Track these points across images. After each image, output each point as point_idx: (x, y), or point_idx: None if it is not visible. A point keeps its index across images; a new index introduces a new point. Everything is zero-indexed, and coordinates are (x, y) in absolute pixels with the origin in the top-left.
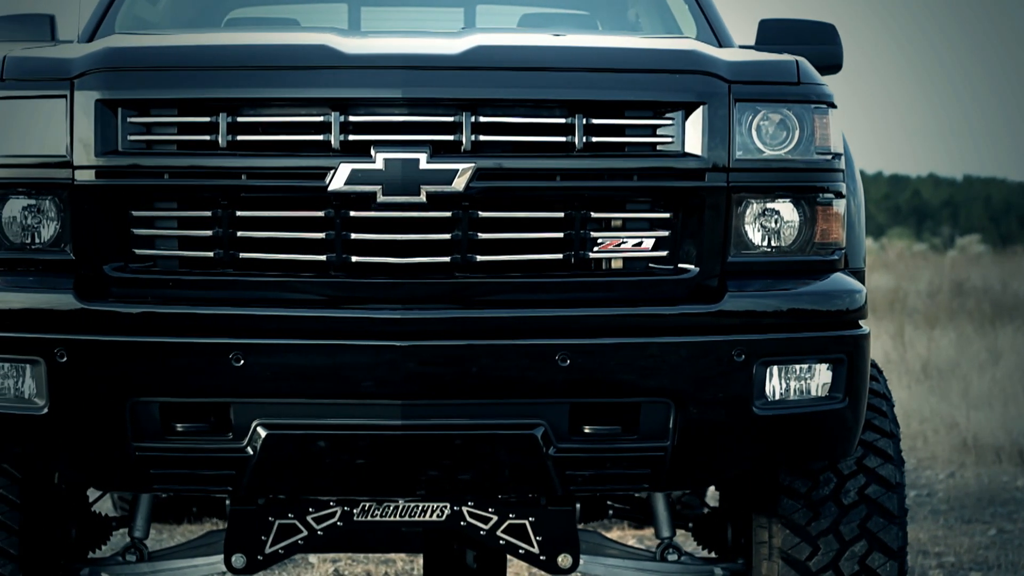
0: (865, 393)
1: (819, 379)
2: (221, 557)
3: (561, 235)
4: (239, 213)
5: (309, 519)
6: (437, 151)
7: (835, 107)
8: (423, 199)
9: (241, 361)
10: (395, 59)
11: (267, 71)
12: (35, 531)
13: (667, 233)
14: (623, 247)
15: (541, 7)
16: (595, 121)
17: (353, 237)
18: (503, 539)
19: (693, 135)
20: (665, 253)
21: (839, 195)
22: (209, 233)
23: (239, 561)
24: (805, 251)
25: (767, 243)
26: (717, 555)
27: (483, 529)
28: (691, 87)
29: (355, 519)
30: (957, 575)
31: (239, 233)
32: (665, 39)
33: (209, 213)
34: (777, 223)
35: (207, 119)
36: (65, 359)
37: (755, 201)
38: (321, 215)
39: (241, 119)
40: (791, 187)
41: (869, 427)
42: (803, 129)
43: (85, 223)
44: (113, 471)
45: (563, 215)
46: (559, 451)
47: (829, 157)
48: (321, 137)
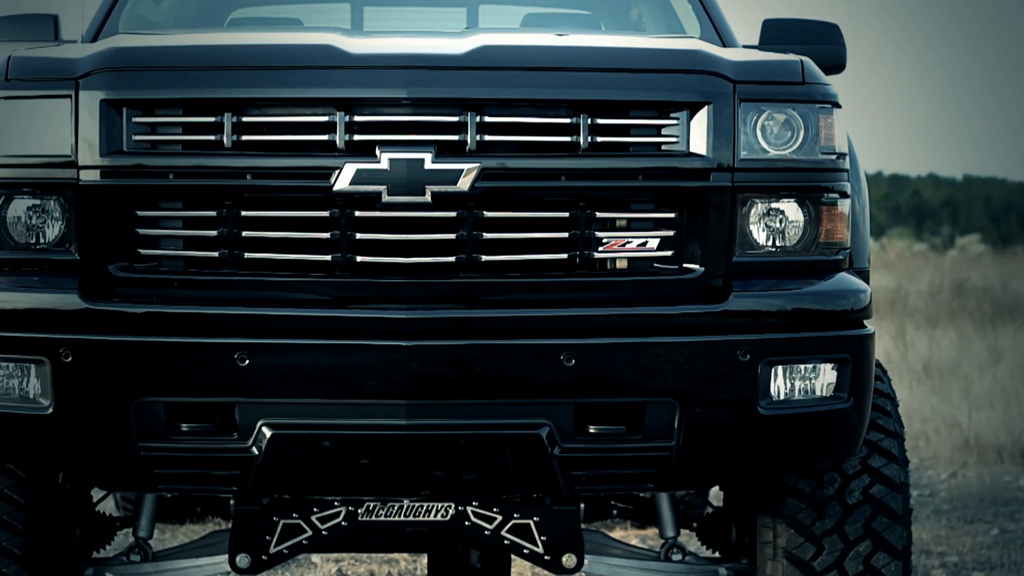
0: (870, 393)
1: (824, 379)
2: (225, 557)
3: (566, 235)
4: (244, 213)
5: (313, 519)
6: (442, 151)
7: (840, 107)
8: (428, 199)
9: (246, 361)
10: (400, 59)
11: (272, 71)
12: (39, 531)
13: (672, 233)
14: (628, 247)
15: (544, 7)
16: (600, 121)
17: (358, 237)
18: (507, 539)
19: (698, 135)
20: (670, 253)
21: (844, 195)
22: (214, 233)
23: (243, 561)
24: (810, 251)
25: (772, 243)
26: (721, 555)
27: (487, 529)
28: (696, 87)
29: (359, 519)
30: (960, 575)
31: (244, 233)
32: (670, 39)
33: (214, 213)
34: (782, 223)
35: (212, 119)
36: (70, 359)
37: (760, 201)
38: (326, 215)
39: (246, 119)
40: (796, 187)
41: (873, 427)
42: (808, 129)
43: (90, 223)
44: (118, 471)
45: (568, 215)
46: (564, 451)
47: (834, 157)
48: (326, 137)
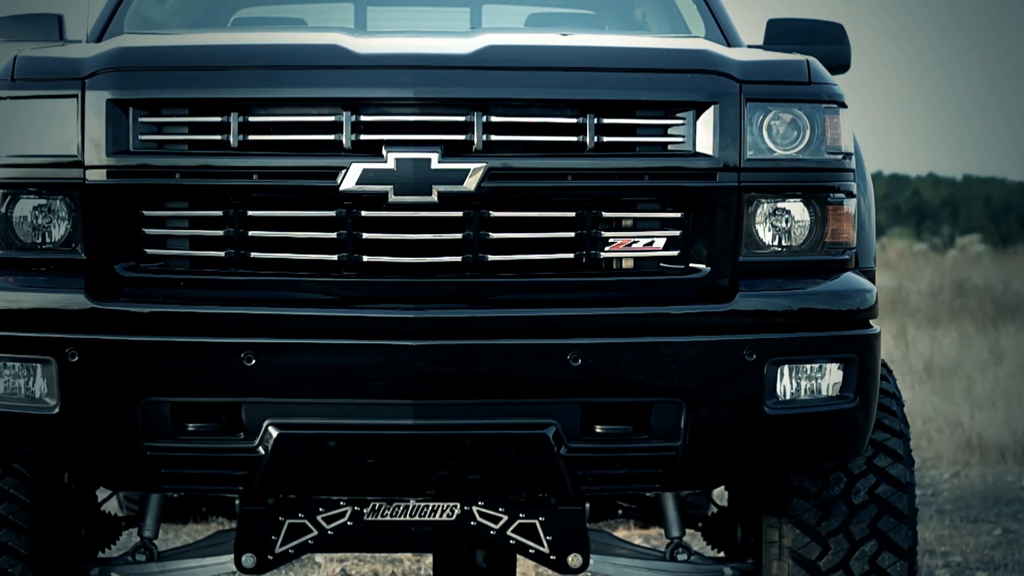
0: (876, 393)
1: (830, 379)
2: (231, 557)
3: (572, 235)
4: (250, 213)
5: (319, 519)
6: (448, 151)
7: (846, 107)
8: (435, 199)
9: (253, 361)
10: (406, 59)
11: (279, 71)
12: (45, 531)
13: (678, 233)
14: (634, 247)
15: (548, 7)
16: (606, 121)
17: (364, 237)
18: (513, 539)
19: (704, 135)
20: (676, 253)
21: (850, 195)
22: (220, 233)
23: (249, 561)
24: (816, 251)
25: (778, 243)
26: (726, 555)
27: (493, 529)
28: (702, 87)
29: (365, 519)
30: (963, 575)
31: (250, 233)
32: (675, 39)
33: (220, 213)
34: (788, 223)
35: (218, 119)
36: (76, 359)
37: (766, 201)
38: (332, 215)
39: (252, 119)
40: (802, 187)
41: (879, 427)
42: (814, 129)
43: (96, 223)
44: (124, 471)
45: (574, 215)
46: (571, 451)
47: (840, 157)
48: (332, 137)
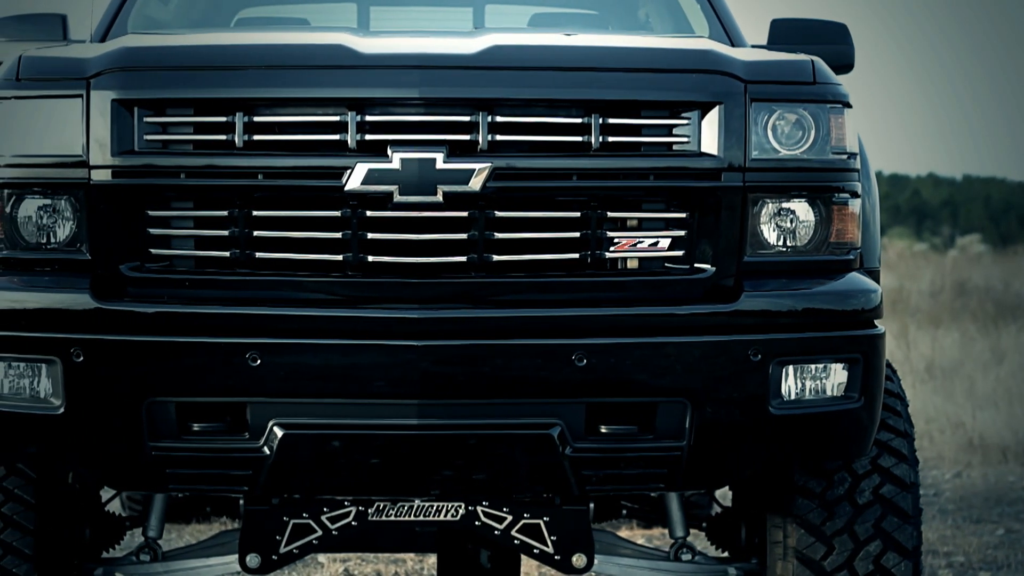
0: (880, 393)
1: (835, 379)
2: (235, 557)
3: (577, 235)
4: (255, 213)
5: (324, 519)
6: (454, 151)
7: (850, 107)
8: (440, 199)
9: (258, 361)
10: (412, 59)
11: (284, 71)
12: (49, 531)
13: (683, 233)
14: (639, 247)
15: (551, 7)
16: (611, 121)
17: (369, 237)
18: (518, 539)
19: (709, 135)
20: (681, 253)
21: (854, 195)
22: (225, 233)
23: (254, 561)
24: (821, 251)
25: (783, 243)
26: (730, 555)
27: (497, 529)
28: (707, 87)
29: (369, 519)
30: (966, 575)
31: (255, 233)
32: (680, 39)
33: (225, 213)
34: (793, 223)
35: (223, 119)
36: (81, 359)
37: (771, 201)
38: (337, 215)
39: (257, 119)
40: (807, 187)
41: (883, 427)
42: (819, 129)
43: (101, 223)
44: (129, 471)
45: (579, 215)
46: (575, 451)
47: (845, 157)
48: (338, 137)
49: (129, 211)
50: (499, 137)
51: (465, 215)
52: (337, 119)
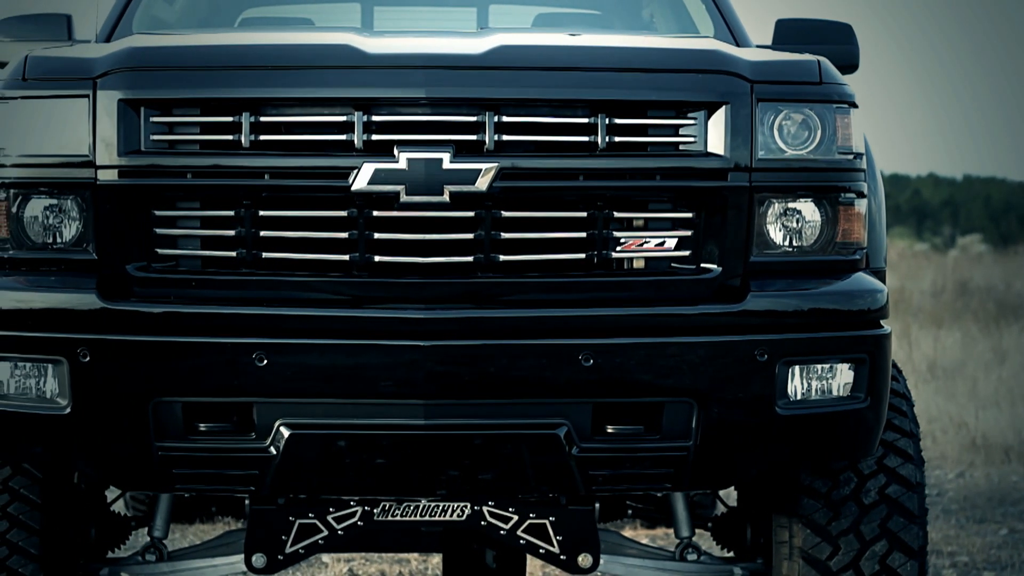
0: (887, 393)
1: (841, 379)
2: (241, 557)
3: (584, 235)
4: (262, 213)
5: (329, 519)
6: (460, 151)
7: (857, 107)
8: (446, 199)
9: (264, 361)
10: (418, 59)
11: (290, 71)
12: (55, 531)
13: (689, 233)
14: (645, 247)
15: (555, 7)
16: (618, 121)
17: (376, 237)
18: (523, 539)
19: (716, 135)
20: (687, 253)
21: (860, 195)
22: (232, 233)
23: (259, 561)
24: (827, 251)
25: (789, 243)
26: (736, 555)
27: (503, 529)
28: (714, 87)
29: (375, 519)
30: (970, 575)
31: (262, 233)
32: (686, 39)
33: (232, 213)
34: (799, 223)
35: (230, 119)
36: (88, 359)
37: (777, 201)
38: (344, 215)
39: (264, 119)
40: (813, 187)
41: (889, 427)
42: (825, 129)
43: (108, 223)
44: (135, 471)
45: (586, 215)
46: (582, 451)
47: (851, 157)
48: (344, 137)
49: (135, 211)
50: (506, 137)
51: (472, 215)
52: (344, 119)
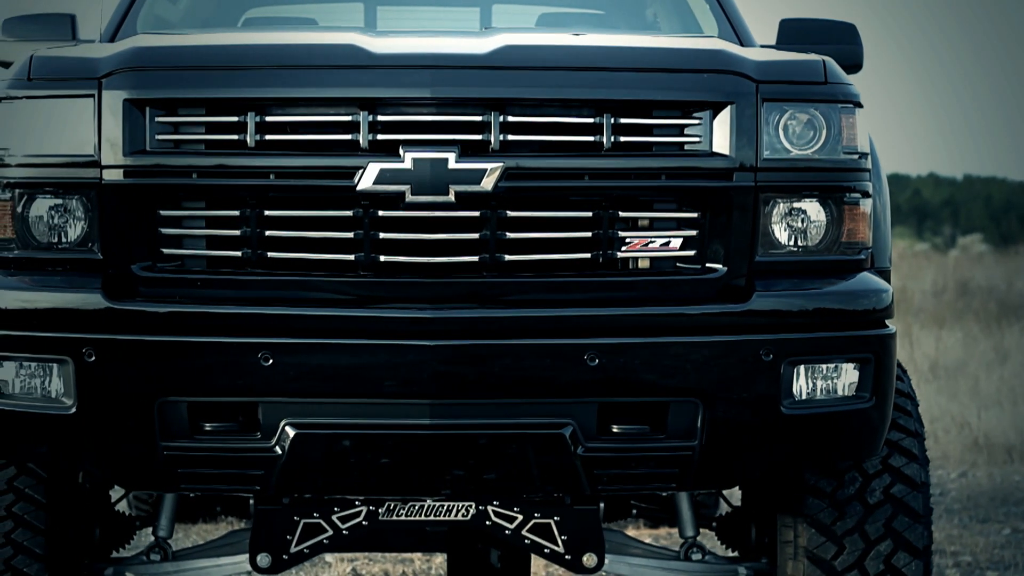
0: (891, 392)
1: (846, 378)
2: (246, 556)
3: (589, 234)
4: (267, 213)
5: (334, 518)
6: (466, 151)
7: (862, 107)
8: (452, 199)
9: (269, 360)
10: (424, 59)
11: (295, 71)
12: (60, 530)
13: (695, 233)
14: (651, 247)
15: (558, 6)
16: (623, 121)
17: (381, 236)
18: (528, 538)
19: (721, 135)
20: (693, 253)
21: (866, 195)
22: (237, 233)
23: (264, 560)
24: (832, 251)
25: (794, 243)
26: (740, 554)
27: (508, 528)
28: (719, 87)
29: (380, 518)
30: (974, 574)
31: (267, 232)
32: (690, 38)
33: (237, 213)
34: (804, 223)
35: (235, 118)
36: (93, 359)
37: (782, 201)
38: (349, 215)
39: (269, 119)
40: (818, 187)
41: (894, 426)
42: (830, 129)
43: (113, 223)
44: (141, 471)
45: (591, 215)
46: (587, 451)
47: (856, 157)
48: (350, 137)
49: (141, 211)
50: (511, 137)
51: (477, 215)
52: (349, 119)
